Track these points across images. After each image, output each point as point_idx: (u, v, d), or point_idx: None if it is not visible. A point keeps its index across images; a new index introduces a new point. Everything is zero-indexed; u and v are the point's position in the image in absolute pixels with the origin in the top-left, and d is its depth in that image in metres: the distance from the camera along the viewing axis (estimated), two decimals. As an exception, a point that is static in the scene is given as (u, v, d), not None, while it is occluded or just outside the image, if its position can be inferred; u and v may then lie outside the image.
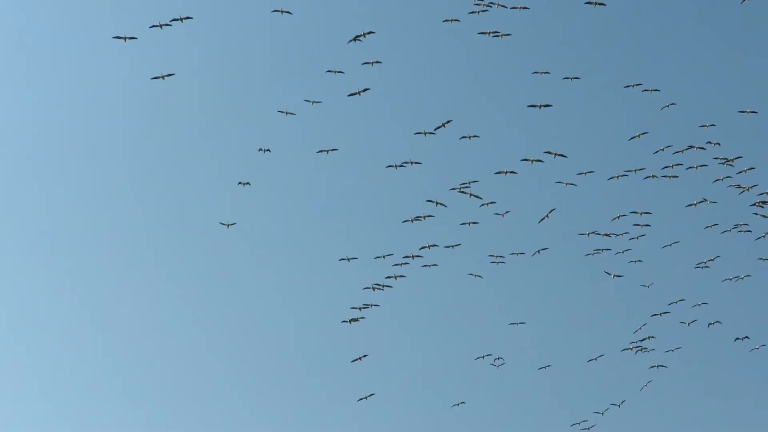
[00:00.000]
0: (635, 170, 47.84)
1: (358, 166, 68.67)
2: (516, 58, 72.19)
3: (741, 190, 47.31)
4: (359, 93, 45.84)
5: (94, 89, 78.76)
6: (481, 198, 46.89)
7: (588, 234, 49.30)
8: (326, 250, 63.03)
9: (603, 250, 49.66)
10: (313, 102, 47.54)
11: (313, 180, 69.51)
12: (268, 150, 49.32)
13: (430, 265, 49.33)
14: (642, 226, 49.16)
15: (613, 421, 53.45)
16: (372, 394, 52.27)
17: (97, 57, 78.77)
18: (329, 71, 46.17)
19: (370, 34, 43.84)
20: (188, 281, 75.82)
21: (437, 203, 46.84)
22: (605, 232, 49.34)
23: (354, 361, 51.26)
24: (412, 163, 46.35)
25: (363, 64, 45.24)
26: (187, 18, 43.43)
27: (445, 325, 68.65)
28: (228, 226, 51.02)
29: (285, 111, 48.42)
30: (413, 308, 67.81)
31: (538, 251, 50.05)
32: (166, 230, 77.07)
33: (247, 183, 50.43)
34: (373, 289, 48.85)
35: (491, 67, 72.80)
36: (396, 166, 46.41)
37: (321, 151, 47.99)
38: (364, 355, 51.32)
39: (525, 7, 43.14)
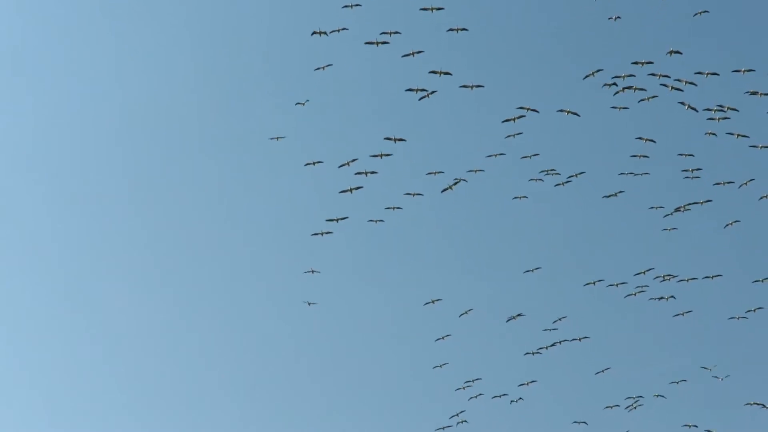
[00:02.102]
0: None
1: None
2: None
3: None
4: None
5: (93, 93, 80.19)
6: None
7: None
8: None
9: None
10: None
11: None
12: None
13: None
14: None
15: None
16: (315, 303, 52.44)
17: (94, 61, 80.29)
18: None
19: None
20: (184, 283, 77.32)
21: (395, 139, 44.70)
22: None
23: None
24: (414, 53, 43.56)
25: None
26: None
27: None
28: (278, 139, 48.46)
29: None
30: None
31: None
32: (161, 231, 78.62)
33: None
34: (351, 191, 46.18)
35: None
36: (377, 43, 43.57)
37: (318, 32, 44.37)
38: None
39: None
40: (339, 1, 43.58)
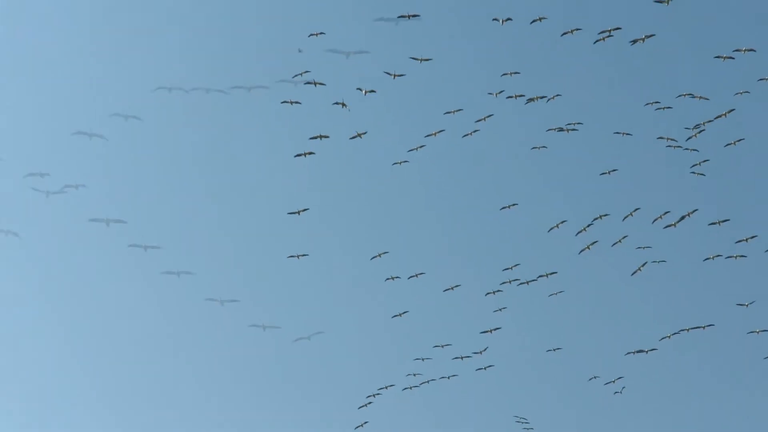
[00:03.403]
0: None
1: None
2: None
3: None
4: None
5: (91, 95, 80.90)
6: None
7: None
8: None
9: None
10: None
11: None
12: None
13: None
14: None
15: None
16: (305, 254, 50.25)
17: (94, 61, 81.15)
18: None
19: None
20: (182, 282, 76.81)
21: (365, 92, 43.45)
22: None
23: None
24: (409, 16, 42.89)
25: None
26: None
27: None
28: (303, 74, 45.04)
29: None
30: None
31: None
32: (158, 230, 78.52)
33: None
34: (343, 105, 43.01)
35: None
36: None
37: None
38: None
39: None
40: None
